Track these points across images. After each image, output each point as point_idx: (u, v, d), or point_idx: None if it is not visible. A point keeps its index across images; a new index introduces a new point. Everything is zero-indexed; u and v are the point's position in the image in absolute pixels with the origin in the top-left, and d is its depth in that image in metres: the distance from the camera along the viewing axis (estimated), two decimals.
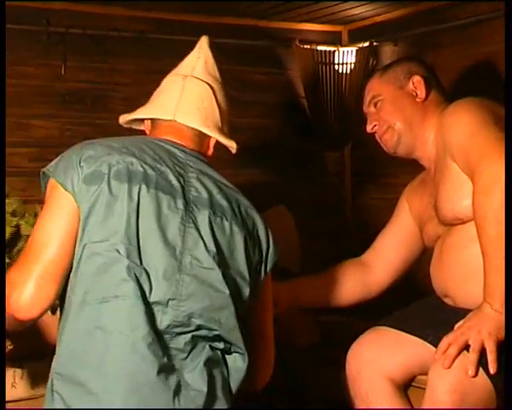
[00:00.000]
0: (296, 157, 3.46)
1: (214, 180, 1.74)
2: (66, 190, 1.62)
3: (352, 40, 3.40)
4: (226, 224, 1.69)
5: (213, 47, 1.94)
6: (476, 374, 1.87)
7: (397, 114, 2.23)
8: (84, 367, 1.55)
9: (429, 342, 2.05)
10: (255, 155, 3.36)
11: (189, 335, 1.62)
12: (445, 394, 1.88)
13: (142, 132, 1.90)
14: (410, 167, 2.49)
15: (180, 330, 1.61)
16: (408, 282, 2.53)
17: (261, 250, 1.75)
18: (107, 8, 3.04)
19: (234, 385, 1.68)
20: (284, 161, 3.43)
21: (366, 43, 3.26)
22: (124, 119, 1.88)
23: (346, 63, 3.28)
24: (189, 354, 1.62)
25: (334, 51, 3.29)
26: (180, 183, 1.67)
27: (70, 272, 1.62)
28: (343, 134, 3.39)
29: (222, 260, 1.65)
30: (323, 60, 3.28)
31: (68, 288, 1.62)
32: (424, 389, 1.95)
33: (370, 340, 2.16)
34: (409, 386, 2.13)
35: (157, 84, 3.14)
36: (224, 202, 1.71)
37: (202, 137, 1.81)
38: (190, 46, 3.17)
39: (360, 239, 3.48)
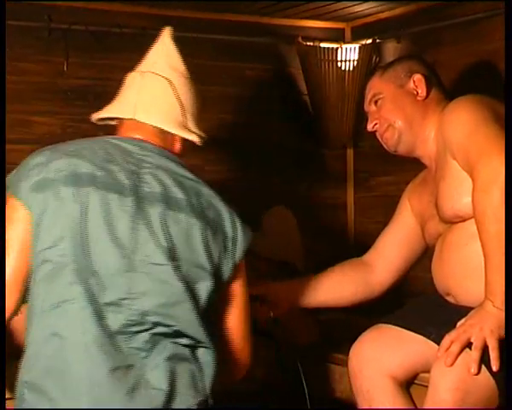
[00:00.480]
0: (298, 155, 3.45)
1: (172, 174, 1.73)
2: (18, 199, 1.64)
3: (355, 37, 3.39)
4: (182, 216, 1.67)
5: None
6: (479, 372, 1.87)
7: (397, 113, 2.23)
8: (46, 375, 1.58)
9: (432, 340, 2.05)
10: (256, 152, 3.36)
11: (147, 333, 1.62)
12: (448, 392, 1.88)
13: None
14: (412, 165, 2.48)
15: (137, 329, 1.61)
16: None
17: (226, 239, 1.73)
18: (108, 5, 3.03)
19: (207, 380, 1.68)
20: (286, 159, 3.42)
21: (369, 41, 3.25)
22: (94, 118, 1.90)
23: (349, 60, 3.27)
24: (150, 351, 1.62)
25: (337, 48, 3.28)
26: (131, 180, 1.67)
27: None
28: (345, 131, 3.38)
29: (177, 255, 1.64)
30: (326, 57, 3.27)
31: (29, 296, 1.64)
32: (426, 386, 1.95)
33: (372, 338, 2.15)
34: (411, 384, 2.13)
35: None
36: (181, 195, 1.70)
37: (165, 133, 1.81)
38: (192, 43, 3.21)
39: (362, 238, 3.50)
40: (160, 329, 1.63)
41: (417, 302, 2.29)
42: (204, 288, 1.67)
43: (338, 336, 2.63)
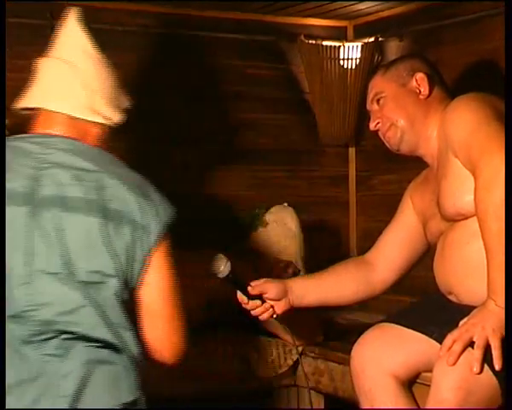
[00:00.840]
0: (300, 153, 3.45)
1: (74, 170, 1.66)
2: None
3: (358, 35, 3.39)
4: (79, 217, 1.63)
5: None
6: (481, 371, 1.86)
7: (399, 112, 2.22)
8: None
9: (434, 339, 2.04)
10: (258, 150, 3.36)
11: (57, 339, 1.61)
12: (450, 391, 1.87)
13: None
14: (414, 164, 2.48)
15: (44, 337, 1.61)
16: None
17: (136, 229, 1.65)
18: (111, 3, 3.03)
19: (132, 378, 1.65)
20: (288, 157, 3.42)
21: (371, 39, 3.25)
22: (15, 109, 1.83)
23: (352, 59, 3.27)
24: (65, 356, 1.61)
25: (340, 46, 3.27)
26: (28, 187, 1.64)
27: None
28: (347, 130, 3.38)
29: (72, 261, 1.61)
30: (328, 55, 3.27)
31: None
32: (429, 386, 1.94)
33: (374, 337, 2.15)
34: (413, 383, 2.12)
35: (160, 78, 3.17)
36: (79, 193, 1.64)
37: (76, 120, 1.75)
38: (194, 41, 3.21)
39: (363, 237, 3.49)
40: (66, 336, 1.62)
41: (419, 301, 2.29)
42: (109, 288, 1.63)
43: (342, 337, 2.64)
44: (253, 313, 2.28)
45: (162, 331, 1.73)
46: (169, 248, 1.71)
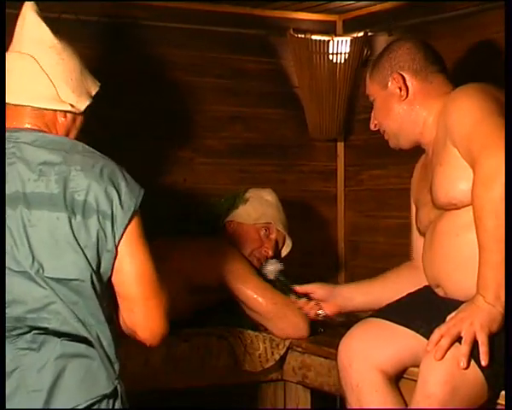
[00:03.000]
0: (288, 147, 3.44)
1: (38, 165, 1.65)
2: None
3: (347, 30, 3.39)
4: (44, 213, 1.63)
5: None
6: (468, 366, 1.86)
7: (386, 116, 2.22)
8: None
9: (421, 334, 2.04)
10: (247, 144, 3.35)
11: (30, 335, 1.62)
12: (437, 385, 1.88)
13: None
14: (402, 159, 2.48)
15: (18, 332, 1.62)
16: None
17: (104, 218, 1.64)
18: None
19: (108, 369, 1.65)
20: (277, 151, 3.42)
21: (361, 33, 3.25)
22: None
23: (341, 53, 3.27)
24: (39, 350, 1.62)
25: (329, 41, 3.27)
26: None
27: None
28: (336, 124, 3.38)
29: (38, 258, 1.61)
30: (317, 49, 3.26)
31: None
32: (416, 381, 1.94)
33: (362, 331, 2.15)
34: (400, 378, 2.13)
35: (151, 71, 3.16)
36: (43, 189, 1.63)
37: (41, 112, 1.75)
38: (184, 34, 3.19)
39: (352, 231, 3.50)
40: (38, 331, 1.62)
41: (407, 296, 2.28)
42: (80, 282, 1.63)
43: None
44: (301, 310, 2.43)
45: (138, 315, 1.72)
46: (139, 232, 1.70)
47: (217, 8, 3.24)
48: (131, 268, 1.70)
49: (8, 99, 1.74)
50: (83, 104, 1.79)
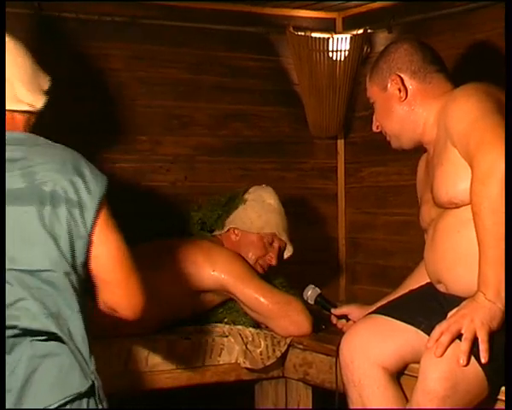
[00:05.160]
0: (289, 144, 3.45)
1: (14, 161, 1.68)
2: None
3: (347, 27, 3.38)
4: (15, 208, 1.64)
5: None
6: (468, 363, 1.87)
7: (386, 119, 2.22)
8: None
9: (422, 331, 2.05)
10: (247, 142, 3.35)
11: (6, 334, 1.62)
12: (437, 382, 1.88)
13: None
14: (403, 156, 2.48)
15: None
16: None
17: (72, 206, 1.66)
18: None
19: (82, 365, 1.64)
20: (277, 149, 3.42)
21: (360, 31, 3.25)
22: None
23: (340, 50, 3.27)
24: (9, 353, 1.62)
25: (328, 38, 3.27)
26: None
27: None
28: (336, 122, 3.38)
29: (11, 251, 1.62)
30: (317, 47, 3.26)
31: None
32: (417, 377, 1.95)
33: (363, 328, 2.15)
34: (401, 374, 2.13)
35: (148, 69, 3.16)
36: (11, 185, 1.65)
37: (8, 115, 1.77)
38: (183, 32, 3.19)
39: (352, 228, 3.50)
40: (10, 331, 1.62)
41: (409, 293, 2.29)
42: (53, 274, 1.64)
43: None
44: (341, 329, 2.47)
45: (119, 296, 1.76)
46: (109, 217, 1.73)
47: (216, 6, 3.23)
48: (108, 253, 1.73)
49: None
50: (39, 102, 1.81)
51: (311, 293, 2.62)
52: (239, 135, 3.34)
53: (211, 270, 2.65)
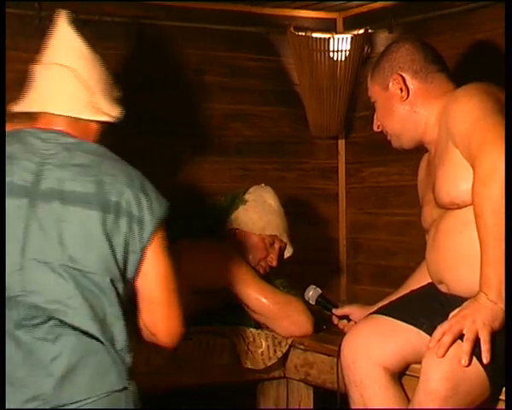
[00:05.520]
0: (290, 145, 3.45)
1: (73, 166, 1.75)
2: None
3: (347, 27, 3.38)
4: (78, 210, 1.71)
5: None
6: (469, 364, 1.87)
7: (388, 118, 2.22)
8: None
9: (424, 331, 2.05)
10: (248, 142, 3.35)
11: (47, 325, 1.69)
12: (438, 382, 1.88)
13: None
14: (404, 156, 2.48)
15: (36, 322, 1.69)
16: None
17: (132, 221, 1.74)
18: None
19: (120, 368, 1.72)
20: (278, 149, 3.42)
21: (361, 31, 3.25)
22: (11, 111, 1.91)
23: (341, 51, 3.27)
24: (54, 342, 1.69)
25: (329, 38, 3.27)
26: (29, 181, 1.73)
27: None
28: (337, 122, 3.38)
29: (69, 252, 1.69)
30: (318, 47, 3.26)
31: None
32: (418, 377, 1.95)
33: (365, 328, 2.15)
34: (403, 375, 2.13)
35: (150, 69, 3.16)
36: (79, 188, 1.72)
37: (78, 120, 1.83)
38: (184, 32, 3.19)
39: (353, 228, 3.50)
40: (56, 322, 1.69)
41: (410, 293, 2.29)
42: (103, 279, 1.71)
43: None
44: (342, 330, 2.47)
45: (159, 316, 1.82)
46: (164, 239, 1.80)
47: (216, 7, 3.23)
48: (156, 272, 1.79)
49: (47, 109, 1.82)
50: (116, 112, 1.88)
51: (312, 293, 2.62)
52: (239, 135, 3.34)
53: (214, 271, 2.65)
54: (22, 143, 1.77)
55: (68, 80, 1.82)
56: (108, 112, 1.85)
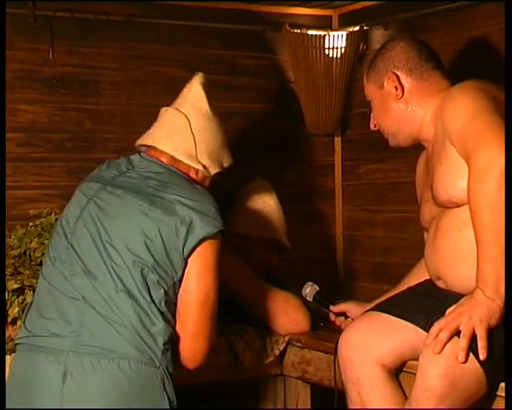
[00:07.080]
0: (285, 142, 3.44)
1: (152, 174, 2.07)
2: None
3: (343, 24, 3.38)
4: (140, 202, 1.99)
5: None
6: (466, 360, 1.87)
7: (383, 117, 2.22)
8: None
9: (421, 328, 2.05)
10: (245, 140, 3.35)
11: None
12: (435, 378, 1.89)
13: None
14: (401, 153, 2.48)
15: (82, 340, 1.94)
16: None
17: (179, 221, 1.95)
18: None
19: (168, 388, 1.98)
20: (274, 147, 3.42)
21: (356, 28, 3.25)
22: (136, 144, 2.26)
23: (337, 48, 3.26)
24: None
25: (325, 36, 3.27)
26: (114, 177, 2.09)
27: None
28: (333, 119, 3.38)
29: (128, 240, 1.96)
30: (313, 44, 3.26)
31: None
32: (415, 374, 1.95)
33: (362, 325, 2.16)
34: (400, 371, 2.13)
35: (145, 68, 3.15)
36: (149, 189, 2.02)
37: (179, 160, 2.13)
38: (180, 30, 3.19)
39: (350, 225, 3.50)
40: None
41: (407, 290, 2.29)
42: (145, 269, 1.93)
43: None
44: (339, 326, 2.50)
45: (189, 335, 1.97)
46: (211, 259, 1.97)
47: (212, 5, 3.23)
48: (198, 291, 1.95)
49: (155, 143, 2.15)
50: (213, 170, 2.18)
51: (309, 290, 2.62)
52: (235, 133, 3.34)
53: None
54: (127, 158, 2.16)
55: (180, 125, 2.14)
56: (207, 166, 2.14)
